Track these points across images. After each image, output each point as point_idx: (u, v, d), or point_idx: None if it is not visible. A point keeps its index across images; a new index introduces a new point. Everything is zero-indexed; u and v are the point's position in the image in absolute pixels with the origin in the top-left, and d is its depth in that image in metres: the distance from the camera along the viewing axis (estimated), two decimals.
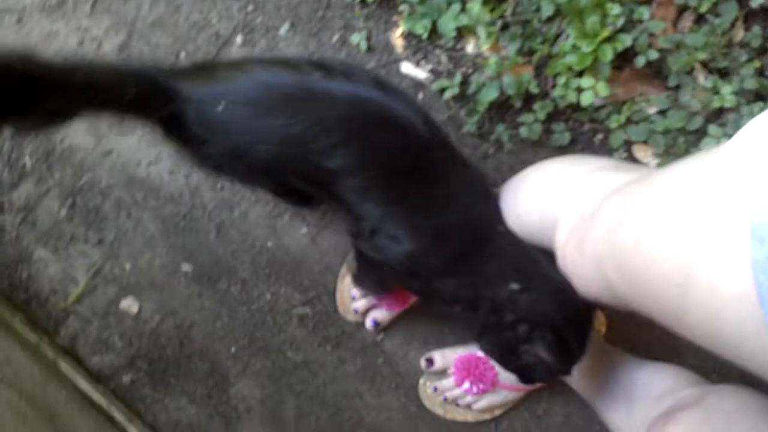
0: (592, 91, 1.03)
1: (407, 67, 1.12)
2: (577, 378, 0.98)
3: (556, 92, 1.06)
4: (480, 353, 1.05)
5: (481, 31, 1.05)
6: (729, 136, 0.68)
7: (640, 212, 0.54)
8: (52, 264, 1.16)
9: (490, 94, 1.06)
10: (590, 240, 0.63)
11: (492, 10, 1.05)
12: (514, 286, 0.78)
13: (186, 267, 1.15)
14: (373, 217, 0.81)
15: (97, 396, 1.10)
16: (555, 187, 0.78)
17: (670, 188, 0.52)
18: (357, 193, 0.79)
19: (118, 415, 1.10)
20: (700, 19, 1.06)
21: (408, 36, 1.11)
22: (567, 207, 0.71)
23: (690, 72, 1.06)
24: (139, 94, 0.72)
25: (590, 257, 0.63)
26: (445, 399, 1.10)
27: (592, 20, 1.01)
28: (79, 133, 1.15)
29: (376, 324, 1.11)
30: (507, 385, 1.06)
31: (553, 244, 0.74)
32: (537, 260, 0.79)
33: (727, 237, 0.42)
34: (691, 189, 0.48)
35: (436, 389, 1.11)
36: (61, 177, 1.15)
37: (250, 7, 1.15)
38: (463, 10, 1.06)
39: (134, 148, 1.14)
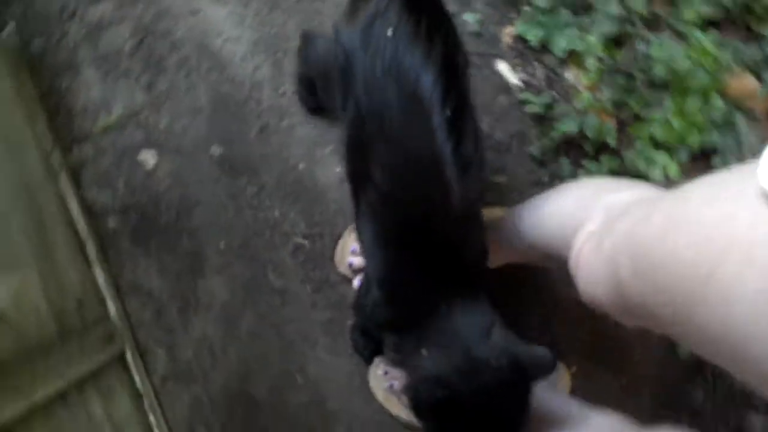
0: (663, 169, 1.04)
1: (503, 67, 1.12)
2: None
3: (629, 154, 1.06)
4: None
5: (591, 64, 1.05)
6: None
7: (668, 207, 0.55)
8: (96, 87, 1.14)
9: (569, 126, 1.06)
10: (610, 237, 0.64)
11: (607, 49, 1.05)
12: (424, 352, 0.77)
13: (216, 149, 1.14)
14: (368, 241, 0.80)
15: (81, 225, 1.08)
16: (586, 197, 0.79)
17: (702, 186, 0.52)
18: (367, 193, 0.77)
19: (91, 253, 1.09)
20: None
21: (517, 38, 1.11)
22: (593, 214, 0.72)
23: None
24: None
25: (606, 254, 0.64)
26: (391, 386, 1.09)
27: (694, 102, 1.01)
28: None
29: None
30: None
31: (567, 249, 0.74)
32: (468, 338, 0.76)
33: (760, 230, 0.42)
34: (724, 187, 0.49)
35: (386, 374, 1.09)
36: (142, 12, 1.14)
37: None
38: (581, 37, 1.06)
39: (221, 19, 1.13)
